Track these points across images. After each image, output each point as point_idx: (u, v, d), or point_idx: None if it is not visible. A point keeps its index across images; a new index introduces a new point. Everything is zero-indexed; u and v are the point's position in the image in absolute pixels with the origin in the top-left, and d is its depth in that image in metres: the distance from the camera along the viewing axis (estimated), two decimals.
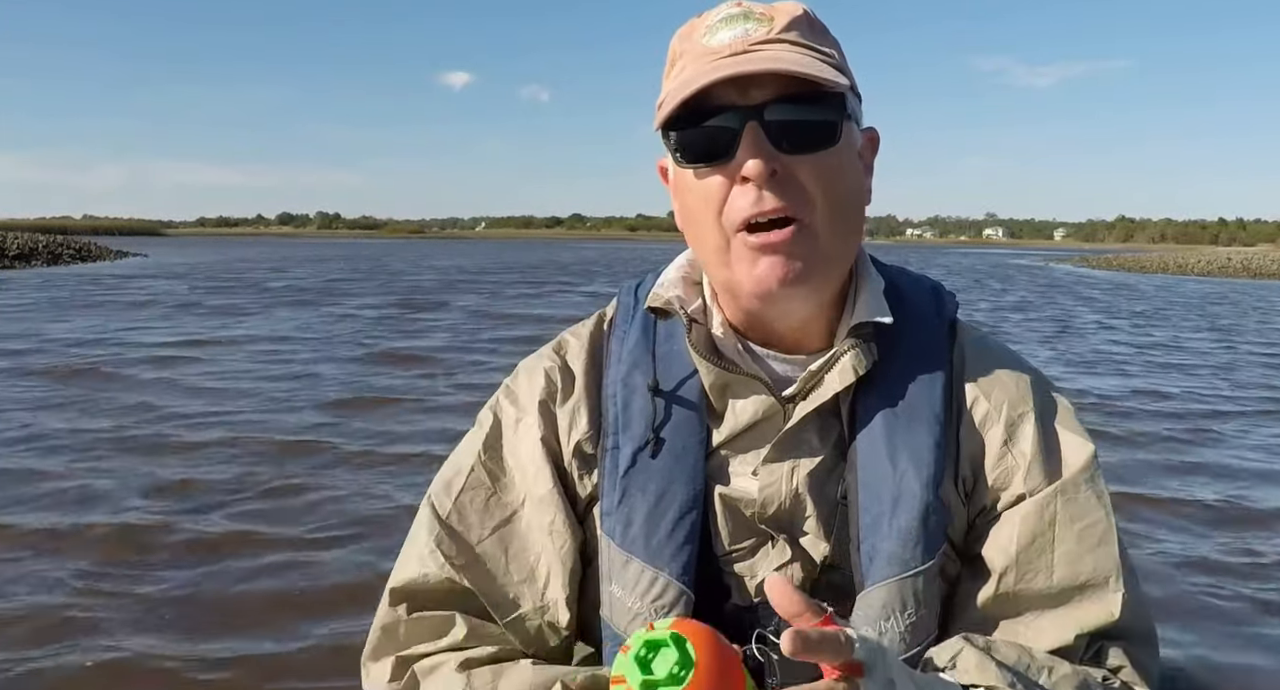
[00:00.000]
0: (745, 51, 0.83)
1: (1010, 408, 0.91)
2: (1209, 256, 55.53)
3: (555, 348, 1.02)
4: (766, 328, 0.92)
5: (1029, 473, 0.89)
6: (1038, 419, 0.91)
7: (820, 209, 0.84)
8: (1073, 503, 0.88)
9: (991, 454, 0.91)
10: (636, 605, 0.88)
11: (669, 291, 0.96)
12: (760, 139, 0.82)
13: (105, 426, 5.53)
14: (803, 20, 0.87)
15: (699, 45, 0.86)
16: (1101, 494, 0.90)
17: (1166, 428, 5.95)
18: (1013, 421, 0.91)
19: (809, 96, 0.82)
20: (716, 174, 0.85)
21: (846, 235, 0.88)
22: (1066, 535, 0.87)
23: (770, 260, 0.84)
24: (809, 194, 0.84)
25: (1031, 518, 0.88)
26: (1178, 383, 8.01)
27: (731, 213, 0.84)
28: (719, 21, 0.87)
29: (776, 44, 0.84)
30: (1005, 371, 0.94)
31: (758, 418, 0.91)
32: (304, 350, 9.22)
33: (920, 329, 0.94)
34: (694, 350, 0.91)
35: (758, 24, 0.85)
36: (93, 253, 35.49)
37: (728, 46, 0.84)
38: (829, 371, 0.89)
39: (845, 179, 0.87)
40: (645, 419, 0.92)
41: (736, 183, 0.83)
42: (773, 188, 0.82)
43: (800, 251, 0.84)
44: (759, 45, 0.84)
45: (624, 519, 0.90)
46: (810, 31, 0.87)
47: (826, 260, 0.86)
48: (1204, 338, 12.11)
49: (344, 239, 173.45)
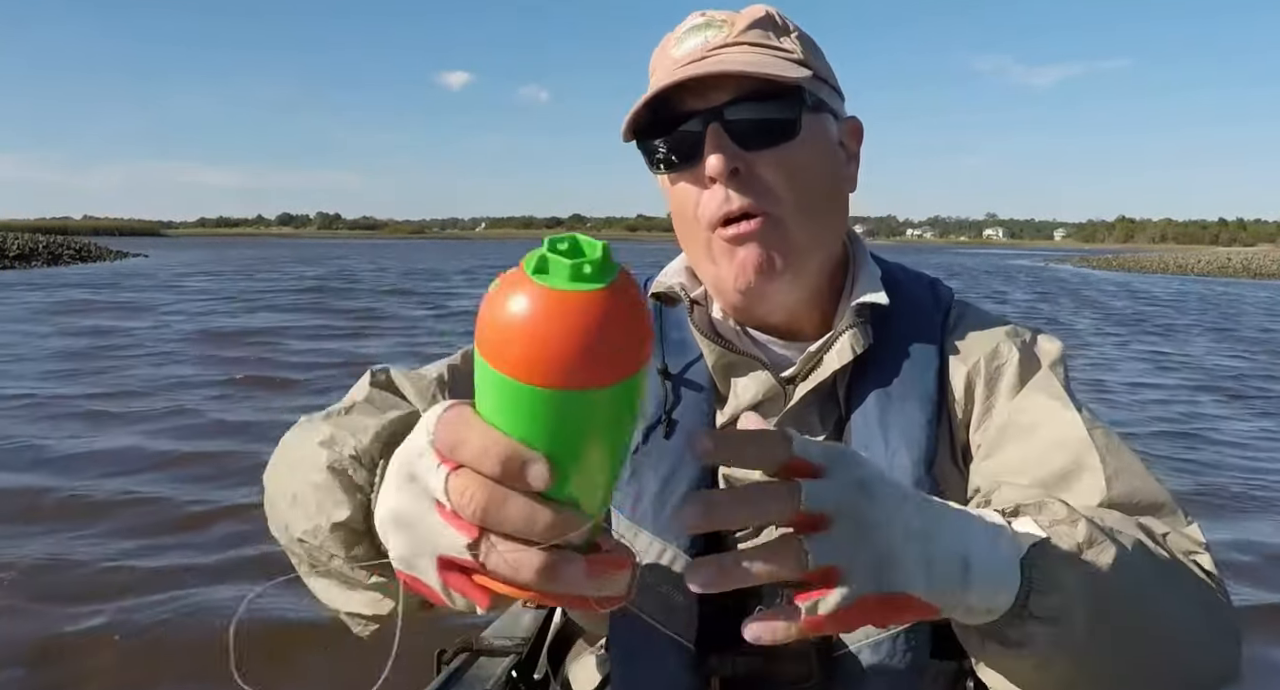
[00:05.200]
0: (703, 57, 0.86)
1: (988, 363, 0.92)
2: (1209, 257, 55.63)
3: None
4: (759, 318, 0.94)
5: (1001, 411, 0.90)
6: (1016, 362, 0.92)
7: (787, 201, 0.86)
8: (1026, 407, 0.88)
9: (978, 413, 0.92)
10: (645, 576, 0.89)
11: (672, 279, 0.99)
12: (722, 139, 0.84)
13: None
14: (765, 20, 0.90)
15: (668, 57, 0.90)
16: (1056, 389, 0.88)
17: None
18: (991, 376, 0.92)
19: (767, 94, 0.84)
20: (686, 178, 0.88)
21: (819, 223, 0.90)
22: (1027, 436, 0.86)
23: (744, 251, 0.86)
24: (774, 188, 0.85)
25: (993, 432, 0.88)
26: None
27: (704, 213, 0.87)
28: (685, 33, 0.90)
29: (734, 47, 0.87)
30: (981, 333, 0.95)
31: (760, 398, 0.93)
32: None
33: (916, 313, 0.96)
34: (697, 330, 0.94)
35: (717, 30, 0.88)
36: (93, 253, 35.53)
37: (688, 54, 0.87)
38: (827, 352, 0.91)
39: (812, 169, 0.88)
40: (656, 401, 0.94)
41: (706, 185, 0.86)
42: (737, 185, 0.85)
43: (771, 241, 0.86)
44: (716, 50, 0.87)
45: (634, 494, 0.91)
46: (771, 30, 0.90)
47: (800, 249, 0.88)
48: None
49: (344, 239, 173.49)
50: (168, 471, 4.84)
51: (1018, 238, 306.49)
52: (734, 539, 0.93)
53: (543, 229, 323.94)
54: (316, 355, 9.18)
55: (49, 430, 5.72)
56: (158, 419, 6.14)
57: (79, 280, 20.79)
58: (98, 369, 8.16)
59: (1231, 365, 9.62)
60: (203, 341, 10.24)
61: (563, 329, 0.41)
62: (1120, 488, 0.79)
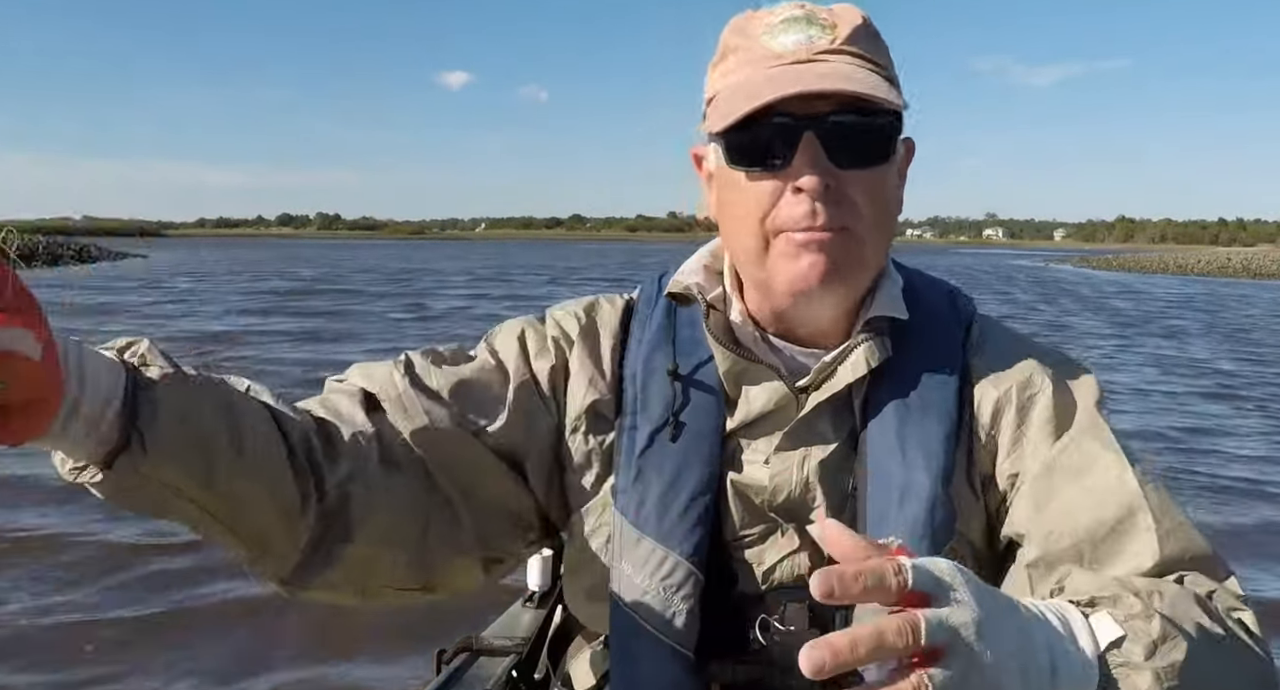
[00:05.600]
0: (809, 60, 0.84)
1: (1020, 392, 0.91)
2: (1209, 257, 55.71)
3: (588, 307, 1.02)
4: (791, 326, 0.93)
5: (1038, 445, 0.89)
6: (1050, 395, 0.90)
7: (866, 219, 0.85)
8: (1077, 455, 0.86)
9: (1006, 442, 0.90)
10: (646, 583, 0.89)
11: (689, 278, 0.97)
12: (818, 152, 0.82)
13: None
14: (863, 29, 0.87)
15: (759, 46, 0.86)
16: (1107, 437, 0.87)
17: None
18: (1023, 405, 0.90)
19: (868, 111, 0.83)
20: (767, 180, 0.85)
21: (883, 243, 0.90)
22: (1080, 488, 0.84)
23: (813, 258, 0.84)
24: (859, 208, 0.85)
25: (1042, 480, 0.86)
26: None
27: (779, 219, 0.85)
28: (781, 23, 0.86)
29: (839, 55, 0.84)
30: (1015, 358, 0.93)
31: (771, 406, 0.92)
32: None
33: (935, 327, 0.94)
34: (711, 335, 0.92)
35: (821, 30, 0.85)
36: (92, 254, 35.56)
37: (790, 53, 0.84)
38: (842, 363, 0.90)
39: (892, 193, 0.89)
40: (664, 402, 0.93)
41: (788, 191, 0.84)
42: (824, 200, 0.83)
43: (843, 255, 0.85)
44: (823, 55, 0.84)
45: (637, 498, 0.90)
46: (870, 42, 0.87)
47: (864, 266, 0.88)
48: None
49: (344, 240, 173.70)
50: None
51: (1018, 238, 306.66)
52: (740, 554, 0.92)
53: (542, 229, 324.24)
54: (280, 365, 8.86)
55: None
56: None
57: (61, 282, 20.64)
58: None
59: (1236, 369, 9.49)
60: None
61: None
62: (1172, 547, 0.81)
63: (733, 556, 0.92)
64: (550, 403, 0.97)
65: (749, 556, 0.92)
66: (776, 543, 0.92)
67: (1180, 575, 0.79)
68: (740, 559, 0.92)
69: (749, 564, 0.92)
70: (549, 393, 0.97)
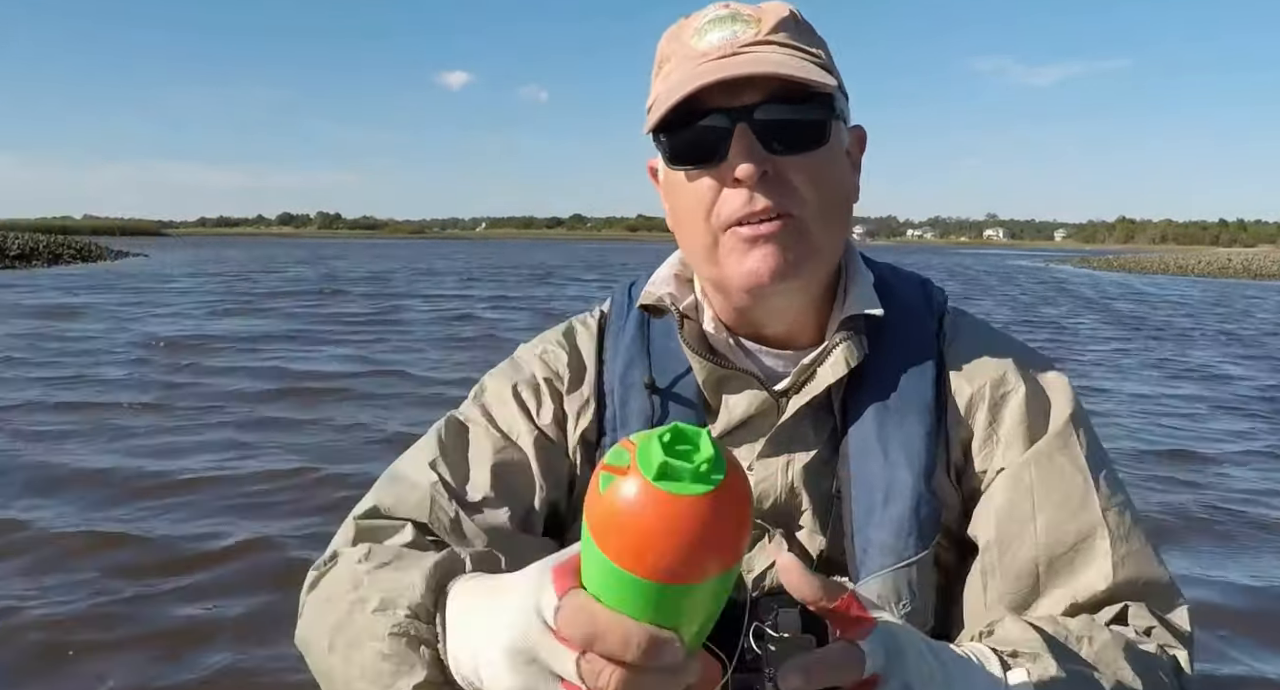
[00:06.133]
0: (734, 53, 0.84)
1: (993, 389, 0.92)
2: (1209, 257, 55.58)
3: (565, 333, 1.02)
4: (757, 326, 0.93)
5: (1009, 447, 0.89)
6: (1022, 395, 0.91)
7: (810, 205, 0.85)
8: (1047, 469, 0.87)
9: (978, 437, 0.91)
10: None
11: (661, 288, 0.96)
12: (751, 141, 0.83)
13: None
14: (789, 21, 0.88)
15: (688, 47, 0.87)
16: (1077, 456, 0.88)
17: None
18: (996, 402, 0.91)
19: (798, 97, 0.83)
20: (707, 176, 0.85)
21: (835, 231, 0.89)
22: (1046, 503, 0.86)
23: (762, 252, 0.84)
24: (799, 193, 0.85)
25: (1008, 489, 0.88)
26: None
27: (722, 213, 0.85)
28: (707, 23, 0.87)
29: (764, 46, 0.85)
30: (989, 354, 0.94)
31: (751, 412, 0.92)
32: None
33: (910, 321, 0.95)
34: (687, 346, 0.92)
35: (745, 25, 0.86)
36: (93, 253, 35.50)
37: (716, 48, 0.85)
38: (821, 364, 0.90)
39: (834, 176, 0.88)
40: (643, 415, 0.92)
41: (728, 184, 0.84)
42: (763, 188, 0.83)
43: (791, 243, 0.85)
44: (747, 47, 0.85)
45: None
46: (797, 31, 0.88)
47: (816, 253, 0.87)
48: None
49: (344, 239, 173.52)
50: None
51: (1018, 238, 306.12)
52: None
53: (543, 229, 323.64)
54: (247, 376, 7.99)
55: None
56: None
57: (51, 283, 20.30)
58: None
59: (1242, 375, 9.11)
60: (143, 349, 9.42)
61: (695, 534, 0.46)
62: (1126, 573, 0.84)
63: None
64: (562, 445, 0.97)
65: None
66: (765, 549, 0.92)
67: (1126, 606, 0.82)
68: None
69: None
70: (559, 439, 0.97)
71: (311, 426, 5.96)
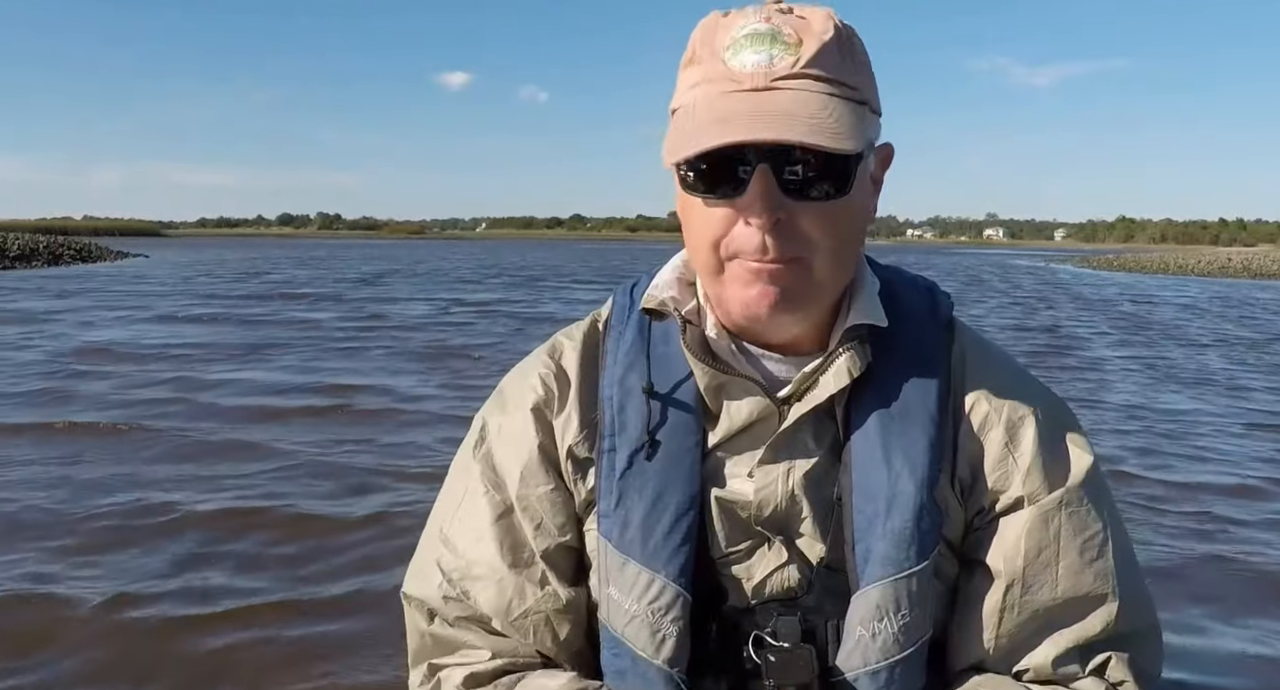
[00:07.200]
0: (767, 88, 0.80)
1: (1011, 411, 0.92)
2: (1210, 257, 55.53)
3: (549, 351, 1.02)
4: (759, 334, 0.93)
5: (1028, 476, 0.90)
6: (1039, 424, 0.91)
7: (821, 250, 0.84)
8: (1075, 515, 0.89)
9: (991, 456, 0.91)
10: (634, 608, 0.88)
11: (664, 292, 0.96)
12: (770, 184, 0.80)
13: None
14: (832, 45, 0.82)
15: (719, 62, 0.82)
16: (1101, 503, 0.91)
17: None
18: (1013, 424, 0.91)
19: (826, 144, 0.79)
20: (722, 207, 0.83)
21: (843, 267, 0.89)
22: (1070, 548, 0.88)
23: (764, 288, 0.84)
24: (811, 239, 0.83)
25: (1037, 530, 0.89)
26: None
27: (732, 246, 0.84)
28: (744, 37, 0.82)
29: (801, 80, 0.80)
30: (1007, 376, 0.95)
31: (753, 419, 0.91)
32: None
33: (915, 330, 0.94)
34: (688, 351, 0.91)
35: (784, 50, 0.81)
36: (93, 253, 35.49)
37: (749, 76, 0.81)
38: (824, 373, 0.89)
39: (850, 221, 0.86)
40: (641, 421, 0.92)
41: (741, 219, 0.83)
42: (776, 234, 0.82)
43: (793, 284, 0.84)
44: (782, 81, 0.80)
45: (621, 521, 0.90)
46: (839, 58, 0.83)
47: (819, 290, 0.87)
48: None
49: (344, 239, 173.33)
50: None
51: (1018, 238, 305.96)
52: (728, 570, 0.92)
53: (543, 229, 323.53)
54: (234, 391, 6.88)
55: None
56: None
57: (39, 285, 19.84)
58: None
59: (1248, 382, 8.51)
60: (88, 355, 8.59)
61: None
62: (1123, 624, 0.89)
63: (721, 573, 0.92)
64: (560, 471, 0.97)
65: (737, 572, 0.92)
66: (765, 557, 0.92)
67: (1109, 657, 0.88)
68: (729, 575, 0.92)
69: (738, 580, 0.92)
70: (557, 468, 0.97)
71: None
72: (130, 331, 11.11)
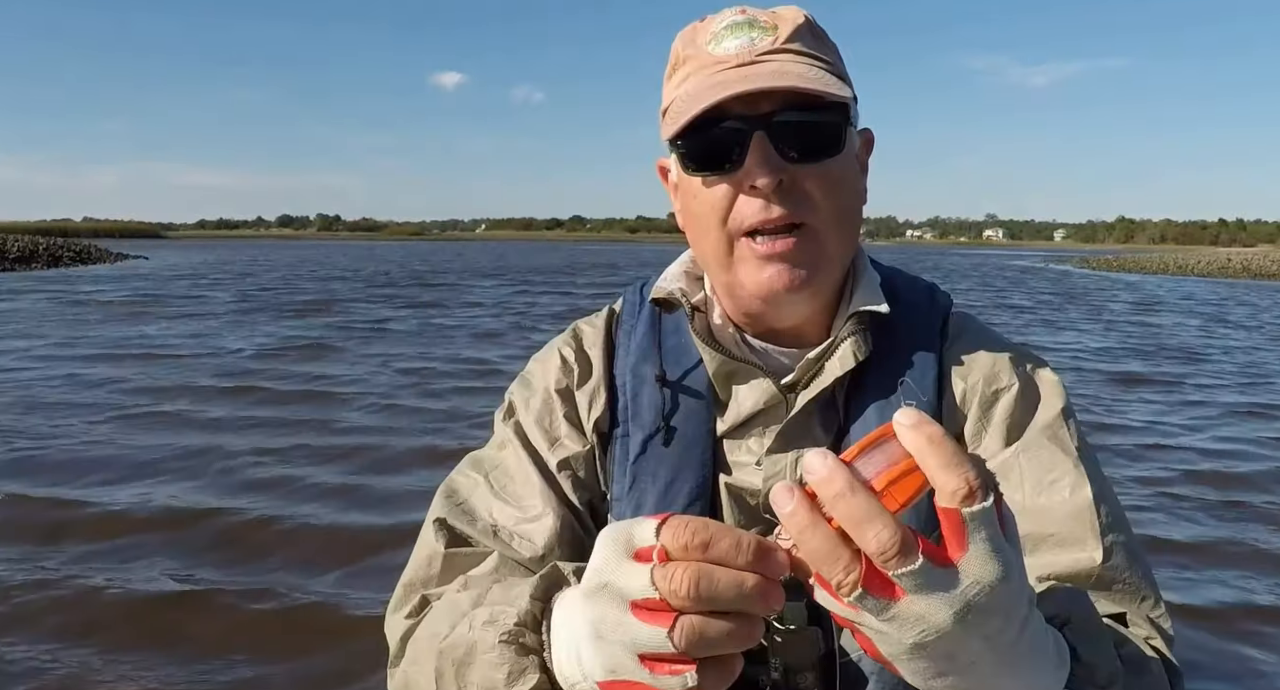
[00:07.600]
0: (752, 62, 0.85)
1: (985, 385, 0.93)
2: (1209, 257, 55.60)
3: (571, 334, 1.04)
4: (767, 325, 0.94)
5: (995, 438, 0.91)
6: (1016, 391, 0.92)
7: (825, 214, 0.86)
8: (1035, 458, 0.89)
9: (969, 431, 0.92)
10: None
11: (672, 284, 0.98)
12: (768, 149, 0.83)
13: None
14: (805, 28, 0.89)
15: (704, 53, 0.88)
16: (1068, 446, 0.89)
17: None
18: (987, 399, 0.92)
19: (814, 106, 0.84)
20: (723, 182, 0.86)
21: (847, 236, 0.90)
22: (1029, 489, 0.87)
23: (776, 267, 0.86)
24: (814, 201, 0.85)
25: (999, 478, 0.88)
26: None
27: (738, 219, 0.86)
28: (724, 29, 0.88)
29: (782, 54, 0.86)
30: (984, 351, 0.95)
31: (760, 406, 0.93)
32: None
33: (914, 321, 0.96)
34: (697, 337, 0.93)
35: (762, 33, 0.87)
36: (92, 255, 35.48)
37: (734, 56, 0.86)
38: (829, 358, 0.91)
39: (848, 183, 0.89)
40: (654, 408, 0.94)
41: (743, 191, 0.85)
42: (779, 197, 0.84)
43: (805, 257, 0.86)
44: (765, 56, 0.85)
45: (634, 504, 0.91)
46: (813, 39, 0.89)
47: (829, 261, 0.89)
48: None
49: (343, 241, 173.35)
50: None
51: (1018, 238, 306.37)
52: None
53: (543, 230, 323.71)
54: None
55: None
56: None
57: (22, 287, 19.34)
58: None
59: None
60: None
61: None
62: (1115, 559, 0.84)
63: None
64: (584, 446, 0.98)
65: None
66: None
67: (1138, 614, 0.84)
68: None
69: None
70: (580, 443, 0.98)
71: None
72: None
